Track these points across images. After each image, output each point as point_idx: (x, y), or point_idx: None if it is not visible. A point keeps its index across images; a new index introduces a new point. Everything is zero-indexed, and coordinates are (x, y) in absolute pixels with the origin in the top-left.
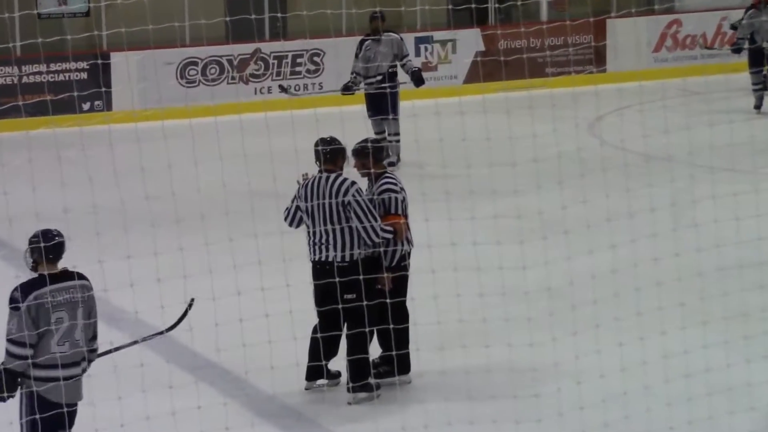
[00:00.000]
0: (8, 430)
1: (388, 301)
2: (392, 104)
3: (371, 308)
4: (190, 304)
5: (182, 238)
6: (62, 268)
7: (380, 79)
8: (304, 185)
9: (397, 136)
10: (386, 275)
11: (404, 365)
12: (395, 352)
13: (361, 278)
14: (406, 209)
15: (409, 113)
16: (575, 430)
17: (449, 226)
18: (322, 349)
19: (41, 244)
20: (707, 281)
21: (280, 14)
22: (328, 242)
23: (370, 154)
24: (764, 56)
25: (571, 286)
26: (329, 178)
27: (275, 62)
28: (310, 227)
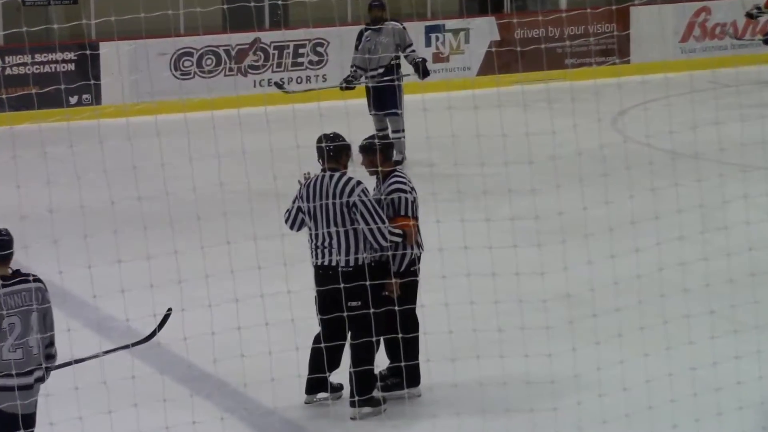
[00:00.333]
0: None
1: (396, 308)
2: (395, 99)
3: (378, 316)
4: (166, 315)
5: (176, 240)
6: (15, 269)
7: (382, 71)
8: (306, 185)
9: (401, 132)
10: (394, 281)
11: (413, 377)
12: (404, 363)
13: (367, 284)
14: (416, 210)
15: (418, 107)
16: None
17: (462, 228)
18: (327, 360)
19: None
20: (738, 288)
21: (280, 1)
22: (331, 246)
23: (379, 150)
24: None
25: (592, 292)
26: (333, 177)
27: (276, 53)
28: (312, 230)
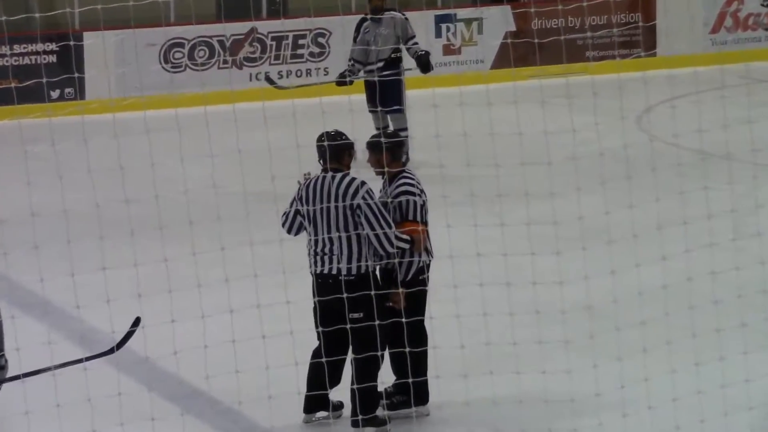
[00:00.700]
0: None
1: (403, 320)
2: (396, 95)
3: (382, 329)
4: (133, 324)
5: (167, 247)
6: None
7: (382, 65)
8: (305, 186)
9: (404, 131)
10: (399, 291)
11: (422, 395)
12: (411, 379)
13: (372, 294)
14: (425, 215)
15: (428, 103)
16: None
17: (474, 234)
18: (327, 376)
19: None
20: None
21: None
22: (332, 252)
23: (387, 149)
24: None
25: (615, 304)
26: (335, 177)
27: (273, 44)
28: (311, 234)
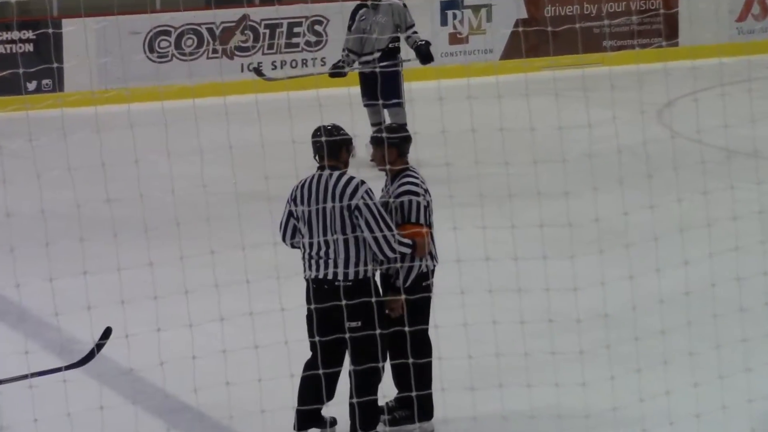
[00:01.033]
0: None
1: (406, 329)
2: (395, 87)
3: (383, 338)
4: (103, 336)
5: (152, 250)
6: None
7: (379, 56)
8: (299, 185)
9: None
10: (398, 298)
11: (426, 409)
12: (415, 392)
13: (372, 300)
14: (429, 216)
15: (433, 96)
16: None
17: (483, 236)
18: (324, 389)
19: None
20: None
21: None
22: (328, 256)
23: (393, 144)
24: None
25: (633, 311)
26: (332, 176)
27: (267, 32)
28: (306, 237)
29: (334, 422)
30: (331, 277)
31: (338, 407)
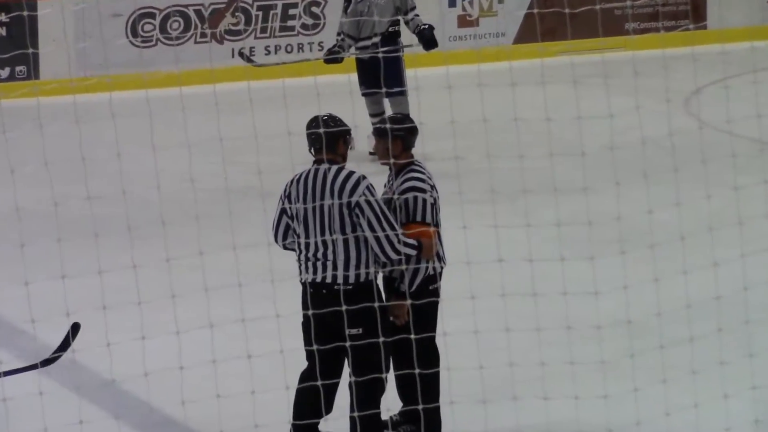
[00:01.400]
0: None
1: (411, 337)
2: (397, 74)
3: (387, 347)
4: (70, 331)
5: (136, 251)
6: None
7: (378, 41)
8: (293, 180)
9: None
10: (403, 303)
11: (433, 424)
12: (421, 406)
13: (375, 306)
14: (437, 215)
15: (440, 84)
16: None
17: (495, 236)
18: (322, 402)
19: None
20: None
21: None
22: (326, 258)
23: (398, 136)
24: None
25: (658, 317)
26: (329, 171)
27: (260, 14)
28: (302, 237)
29: None
30: (329, 280)
31: (337, 422)
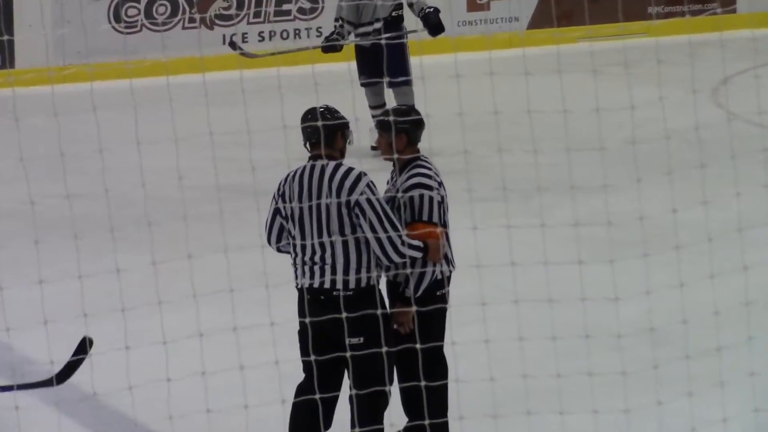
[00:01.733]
0: None
1: (417, 346)
2: (401, 63)
3: (389, 358)
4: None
5: (119, 254)
6: None
7: (379, 27)
8: (288, 178)
9: None
10: (407, 309)
11: None
12: (428, 421)
13: (378, 313)
14: (444, 214)
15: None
16: None
17: (507, 237)
18: (320, 417)
19: None
20: None
21: None
22: (324, 261)
23: (403, 130)
24: None
25: (684, 325)
26: (326, 167)
27: None
28: (297, 239)
29: None
30: (328, 285)
31: None
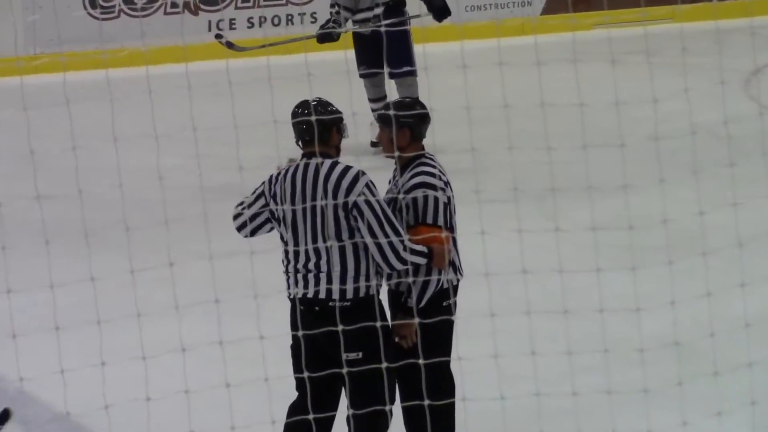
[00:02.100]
0: None
1: (420, 362)
2: (404, 51)
3: (390, 374)
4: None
5: (94, 261)
6: None
7: (379, 12)
8: (280, 176)
9: None
10: (410, 321)
11: None
12: None
13: (377, 325)
14: (451, 217)
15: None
16: None
17: (519, 242)
18: None
19: None
20: None
21: None
22: (319, 269)
23: (406, 125)
24: None
25: (711, 338)
26: (322, 166)
27: None
28: (290, 244)
29: None
30: (323, 295)
31: None
